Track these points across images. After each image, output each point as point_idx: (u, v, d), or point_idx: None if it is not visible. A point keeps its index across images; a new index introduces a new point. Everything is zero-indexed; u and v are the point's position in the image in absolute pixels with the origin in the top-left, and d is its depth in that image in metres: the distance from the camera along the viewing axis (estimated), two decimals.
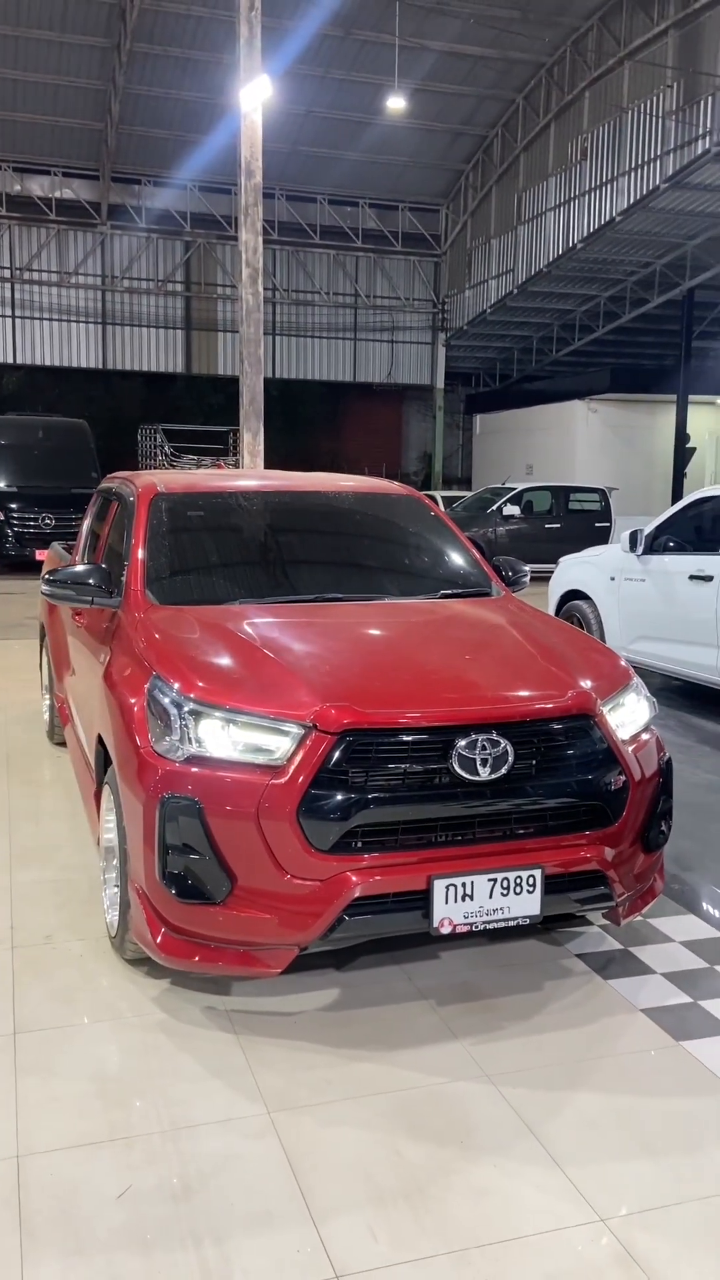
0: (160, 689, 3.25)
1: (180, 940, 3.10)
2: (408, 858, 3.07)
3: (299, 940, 3.05)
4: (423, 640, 3.84)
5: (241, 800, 3.01)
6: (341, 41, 18.83)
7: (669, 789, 3.58)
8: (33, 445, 17.10)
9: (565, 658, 3.63)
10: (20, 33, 18.27)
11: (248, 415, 10.72)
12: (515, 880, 3.11)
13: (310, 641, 3.60)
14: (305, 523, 4.84)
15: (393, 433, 28.96)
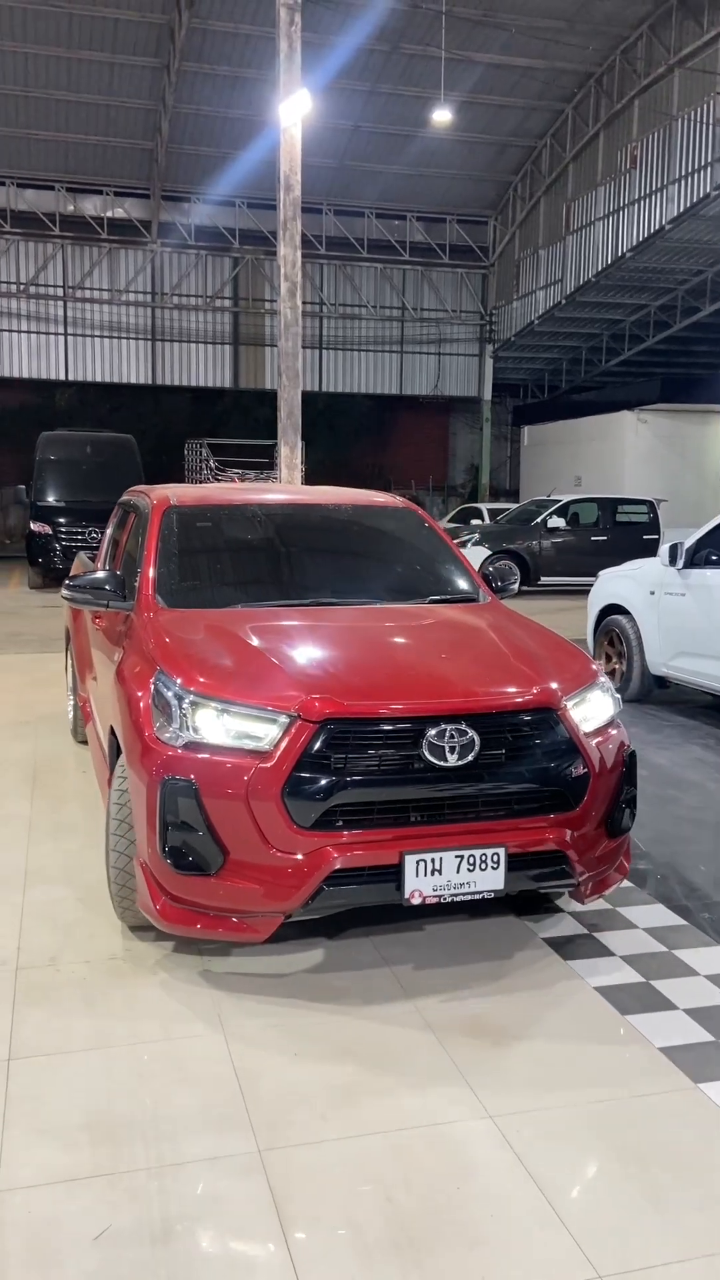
0: (164, 683, 3.58)
1: (179, 908, 3.42)
2: (382, 835, 3.37)
3: (284, 908, 3.35)
4: (404, 640, 4.18)
5: (233, 782, 3.32)
6: (388, 56, 18.86)
7: (633, 779, 3.84)
8: (81, 460, 17.31)
9: (535, 657, 3.92)
10: (73, 55, 18.59)
11: (285, 429, 10.71)
12: (480, 857, 3.39)
13: (301, 641, 3.92)
14: (306, 533, 5.23)
15: (439, 445, 28.85)
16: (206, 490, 5.68)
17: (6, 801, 5.40)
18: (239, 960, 3.66)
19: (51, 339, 23.32)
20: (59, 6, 17.20)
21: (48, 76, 19.18)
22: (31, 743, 6.55)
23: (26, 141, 21.06)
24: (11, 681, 8.40)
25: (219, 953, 3.69)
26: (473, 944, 3.83)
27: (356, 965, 3.63)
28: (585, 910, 4.08)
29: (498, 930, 3.93)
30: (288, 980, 3.53)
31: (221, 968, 3.59)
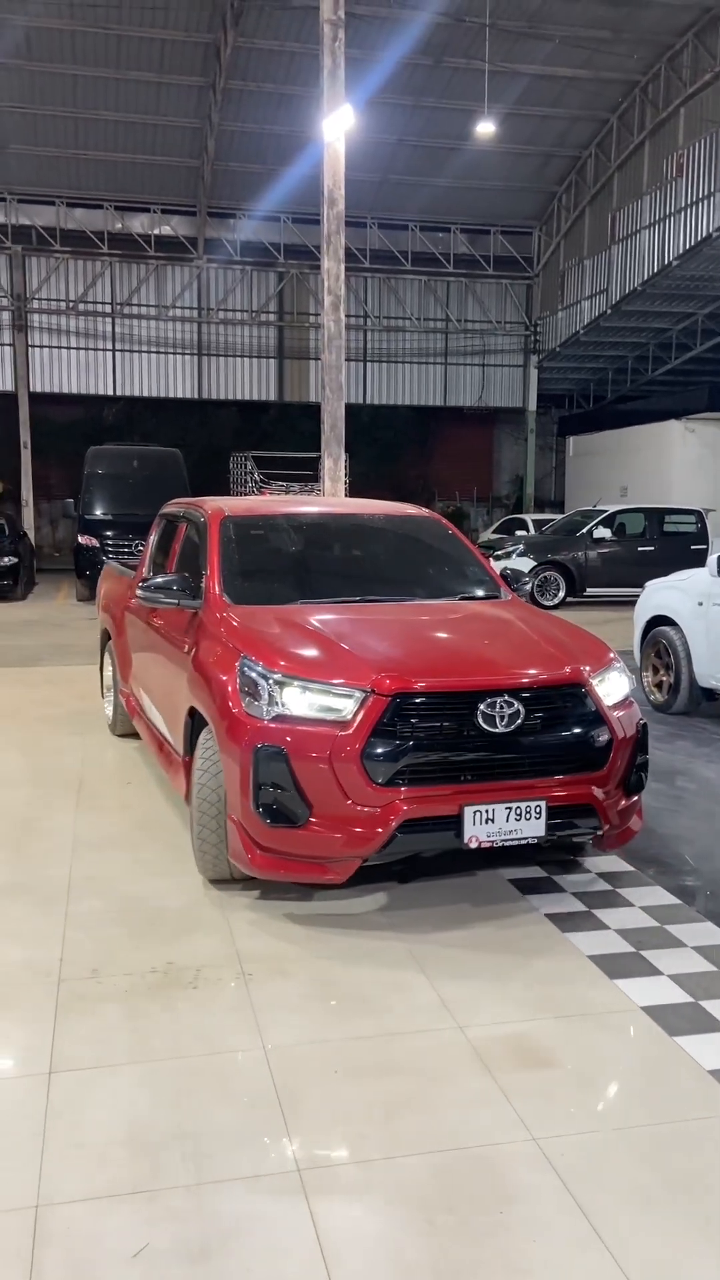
0: (249, 666, 4.18)
1: (269, 856, 4.02)
2: (443, 790, 3.97)
3: (362, 853, 3.93)
4: (449, 629, 4.86)
5: (318, 747, 3.92)
6: (432, 70, 18.89)
7: (644, 746, 4.47)
8: (128, 474, 17.49)
9: (561, 642, 4.57)
10: (120, 75, 18.87)
11: (329, 441, 10.73)
12: (525, 809, 4.02)
13: (361, 630, 4.53)
14: (346, 539, 5.92)
15: (484, 456, 28.74)
16: (252, 502, 6.50)
17: (52, 814, 5.44)
18: (277, 977, 3.64)
19: (100, 355, 23.64)
20: (107, 28, 17.47)
21: (96, 97, 19.48)
22: (77, 755, 6.60)
23: (75, 161, 21.41)
24: (58, 694, 8.48)
25: (261, 972, 3.68)
26: (515, 955, 3.77)
27: (397, 979, 3.59)
28: (629, 928, 4.01)
29: (542, 942, 3.87)
30: (328, 995, 3.50)
31: (263, 977, 3.58)
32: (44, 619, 13.88)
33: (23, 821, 5.31)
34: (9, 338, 22.95)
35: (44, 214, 22.50)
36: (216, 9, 17.25)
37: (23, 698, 8.38)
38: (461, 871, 4.58)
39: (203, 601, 4.94)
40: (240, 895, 4.33)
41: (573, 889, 4.41)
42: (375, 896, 4.32)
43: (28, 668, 9.93)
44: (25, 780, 6.06)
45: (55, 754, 6.63)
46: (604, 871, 4.60)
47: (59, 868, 4.65)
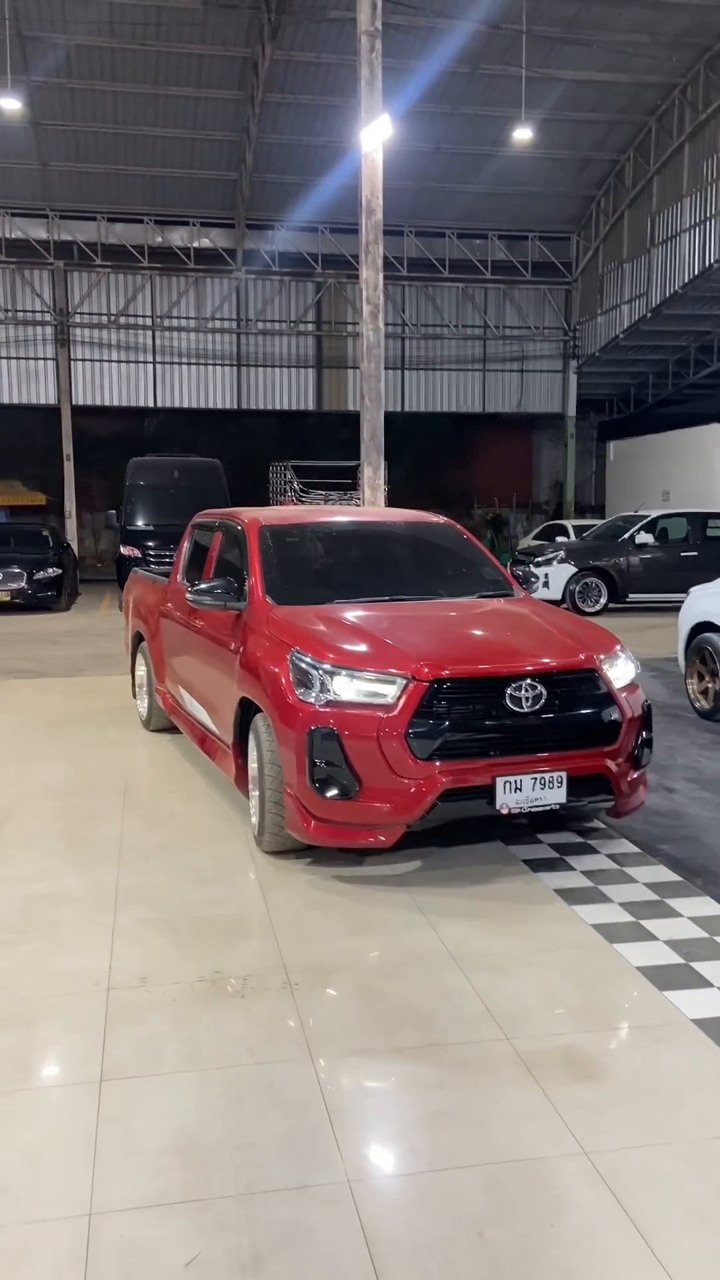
0: (300, 658, 4.67)
1: (325, 826, 4.54)
2: (477, 764, 4.47)
3: (406, 820, 4.45)
4: (473, 623, 5.37)
5: (366, 728, 4.42)
6: (469, 77, 18.90)
7: (649, 725, 4.99)
8: (169, 485, 17.65)
9: (574, 633, 5.11)
10: (160, 91, 19.10)
11: (368, 450, 10.76)
12: (549, 779, 4.54)
13: (396, 625, 5.02)
14: (371, 544, 6.40)
15: (523, 462, 28.61)
16: (285, 512, 7.01)
17: (97, 822, 5.49)
18: (323, 987, 3.64)
19: (141, 367, 23.89)
20: (147, 45, 17.70)
21: (136, 113, 19.73)
22: (122, 764, 6.66)
23: (116, 177, 21.69)
24: (101, 703, 8.57)
25: (307, 982, 3.69)
26: (568, 974, 3.74)
27: (443, 988, 3.58)
28: (676, 939, 3.97)
29: (593, 958, 3.84)
30: (374, 1005, 3.50)
31: (309, 987, 3.58)
32: (87, 629, 14.04)
33: (69, 829, 5.37)
34: (52, 352, 23.29)
35: (85, 229, 22.81)
36: (254, 24, 17.41)
37: (67, 707, 8.48)
38: (514, 878, 4.56)
39: (247, 603, 5.43)
40: (288, 903, 4.34)
41: (620, 899, 4.37)
42: (421, 913, 4.31)
43: (71, 677, 10.05)
44: (71, 789, 6.13)
45: (100, 762, 6.69)
46: (654, 882, 4.56)
47: (106, 875, 4.69)
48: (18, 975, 3.71)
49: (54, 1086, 3.05)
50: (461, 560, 6.28)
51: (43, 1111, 2.91)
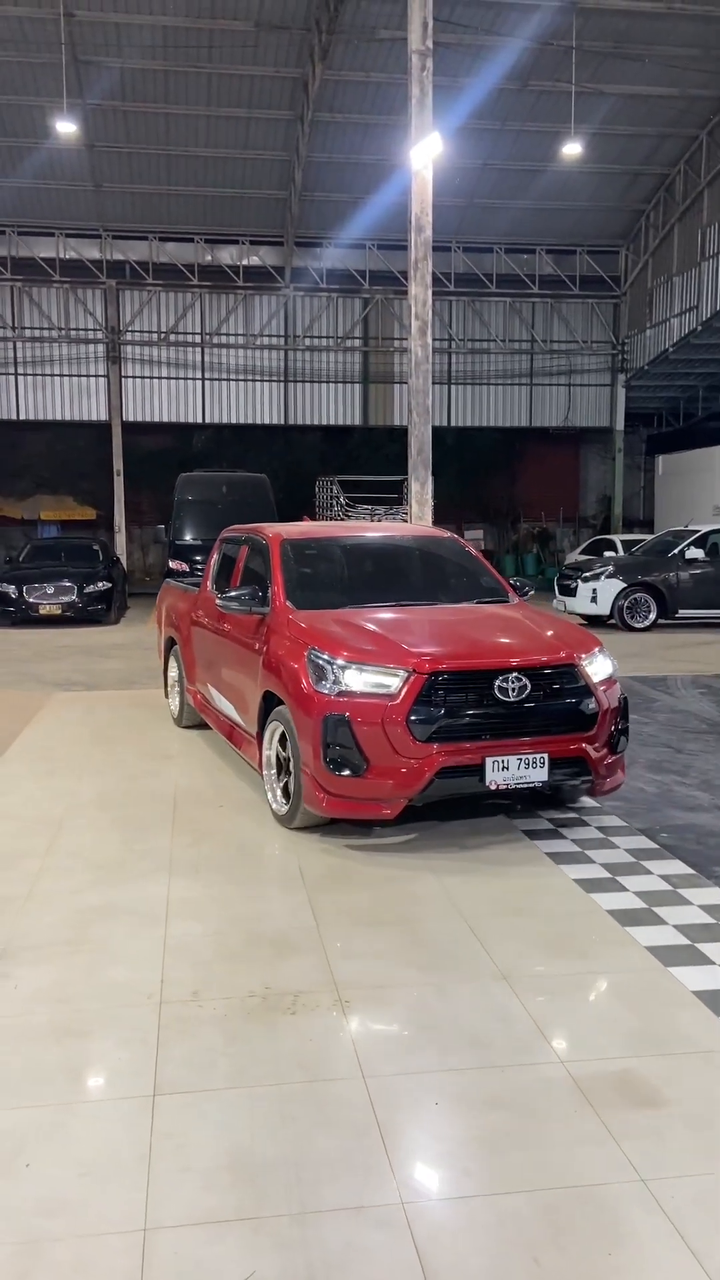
0: (315, 654, 5.32)
1: (337, 800, 5.17)
2: (469, 746, 5.09)
3: (408, 794, 5.07)
4: (469, 624, 5.97)
5: (373, 714, 5.06)
6: (518, 94, 18.94)
7: (626, 714, 5.65)
8: (217, 500, 17.81)
9: (559, 634, 5.73)
10: (211, 112, 19.38)
11: (415, 465, 10.76)
12: (533, 760, 5.15)
13: (400, 627, 5.67)
14: (382, 556, 7.11)
15: (570, 476, 28.44)
16: (304, 527, 7.82)
17: (148, 834, 5.53)
18: (374, 1005, 3.62)
19: (190, 384, 24.17)
20: (199, 67, 17.98)
21: (188, 135, 20.03)
22: (171, 778, 6.71)
23: (168, 197, 22.02)
24: (151, 716, 8.64)
25: (358, 999, 3.67)
26: (623, 996, 3.69)
27: (497, 1011, 3.55)
28: None
29: (650, 982, 3.78)
30: (426, 1025, 3.48)
31: (360, 1004, 3.57)
32: (135, 643, 14.17)
33: (120, 841, 5.41)
34: (103, 369, 23.65)
35: (137, 249, 23.18)
36: (305, 45, 17.60)
37: (117, 719, 8.56)
38: (570, 898, 4.51)
39: (270, 608, 6.07)
40: (336, 920, 4.33)
41: (675, 921, 4.30)
42: (474, 933, 4.28)
43: (120, 690, 10.15)
44: (122, 800, 6.18)
45: (149, 775, 6.75)
46: (711, 904, 4.48)
47: (157, 887, 4.72)
48: (72, 987, 3.74)
49: (108, 1100, 3.07)
50: (463, 570, 6.92)
51: (97, 1125, 2.92)
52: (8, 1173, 2.71)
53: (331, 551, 6.84)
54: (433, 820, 5.56)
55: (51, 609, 16.16)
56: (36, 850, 5.26)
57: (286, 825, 5.51)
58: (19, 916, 4.39)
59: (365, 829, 5.45)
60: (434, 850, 5.24)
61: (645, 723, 8.33)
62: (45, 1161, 2.75)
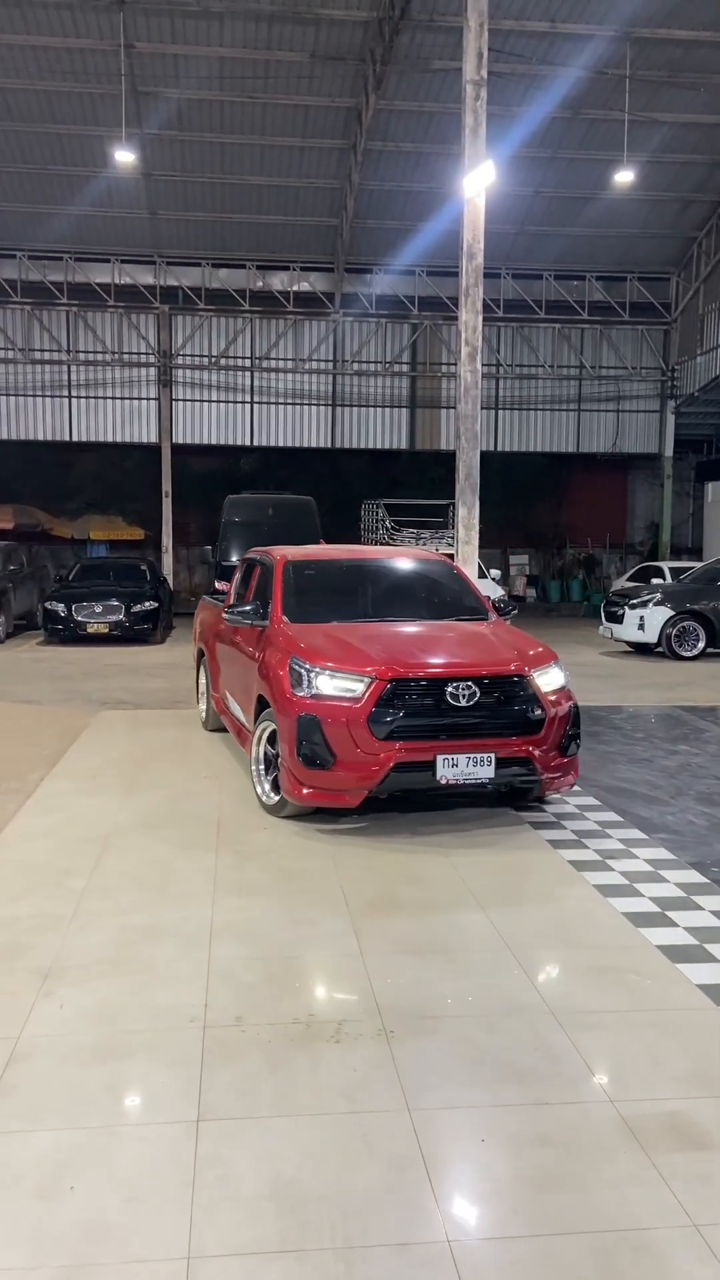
0: (296, 662, 6.02)
1: (309, 790, 5.85)
2: (423, 745, 5.72)
3: (368, 786, 5.72)
4: (435, 638, 6.57)
5: (340, 715, 5.73)
6: (570, 123, 19.01)
7: (576, 722, 6.23)
8: (263, 522, 17.91)
9: (516, 648, 6.29)
10: (266, 141, 19.68)
11: (463, 490, 10.76)
12: (480, 758, 5.74)
13: (371, 639, 6.27)
14: (374, 576, 7.72)
15: (617, 503, 28.26)
16: (310, 549, 8.51)
17: (193, 855, 5.54)
18: (419, 1036, 3.58)
19: (239, 407, 24.44)
20: (255, 98, 18.28)
21: (242, 163, 20.35)
22: (215, 799, 6.72)
23: (221, 224, 22.36)
24: (195, 736, 8.68)
25: (403, 1029, 3.63)
26: (672, 1034, 3.61)
27: (543, 1045, 3.49)
28: None
29: (700, 1021, 3.70)
30: (472, 1058, 3.43)
31: (404, 1035, 3.53)
32: (181, 662, 14.25)
33: (165, 861, 5.43)
34: (154, 392, 24.00)
35: (190, 275, 23.54)
36: (359, 75, 17.83)
37: (162, 738, 8.61)
38: (618, 931, 4.44)
39: (268, 621, 6.77)
40: (380, 947, 4.30)
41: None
42: (518, 962, 4.22)
43: (165, 710, 10.21)
44: (167, 820, 6.20)
45: (193, 796, 6.77)
46: None
47: (201, 909, 4.72)
48: (116, 1008, 3.74)
49: (152, 1124, 3.05)
50: (449, 590, 7.53)
51: (141, 1149, 2.91)
52: (52, 1194, 2.70)
53: (329, 572, 7.61)
54: (464, 847, 5.49)
55: (99, 628, 16.34)
56: (82, 869, 5.29)
57: (276, 815, 6.18)
58: (65, 936, 4.41)
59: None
60: (482, 883, 5.18)
61: (695, 754, 8.21)
62: (89, 1185, 2.74)
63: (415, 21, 16.15)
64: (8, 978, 3.98)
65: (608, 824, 6.18)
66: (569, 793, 6.58)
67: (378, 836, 5.90)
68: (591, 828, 6.10)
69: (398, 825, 6.11)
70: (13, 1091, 3.18)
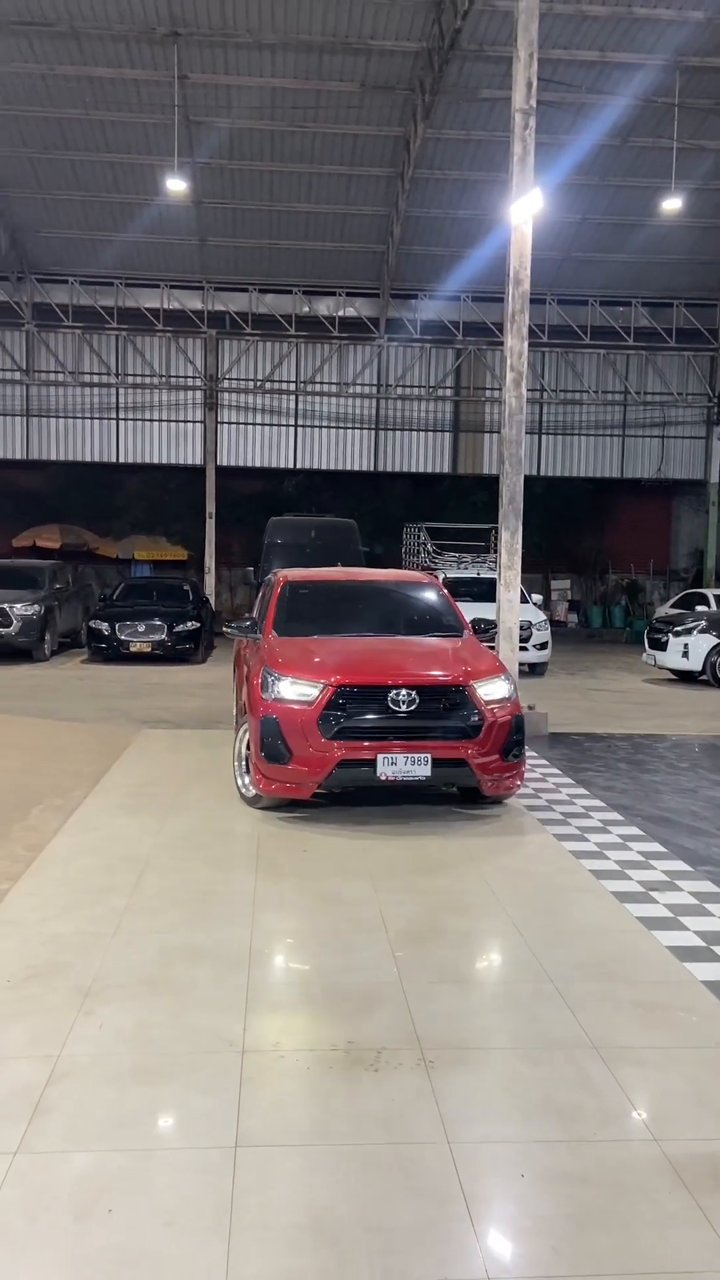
0: (267, 670, 6.76)
1: (269, 782, 6.60)
2: (365, 744, 6.44)
3: (317, 780, 6.48)
4: (393, 651, 7.24)
5: (296, 717, 6.47)
6: (618, 150, 19.04)
7: (519, 729, 6.76)
8: (305, 544, 17.98)
9: (466, 662, 6.95)
10: (314, 170, 19.93)
11: (506, 515, 10.74)
12: (417, 759, 6.40)
13: (335, 651, 7.05)
14: (363, 595, 8.41)
15: (661, 529, 28.05)
16: (309, 571, 9.16)
17: (232, 876, 5.54)
18: (459, 1067, 3.54)
19: (282, 430, 24.66)
20: (304, 127, 18.53)
21: (291, 191, 20.61)
22: (256, 818, 6.73)
23: (269, 251, 22.65)
24: (231, 756, 8.69)
25: (443, 1060, 3.59)
26: (717, 1070, 3.54)
27: (585, 1081, 3.43)
28: None
29: None
30: (514, 1093, 3.38)
31: (444, 1066, 3.49)
32: (221, 681, 14.33)
33: (205, 881, 5.44)
34: (200, 415, 24.30)
35: (237, 300, 23.84)
36: (408, 105, 18.02)
37: (203, 758, 8.64)
38: (665, 967, 4.37)
39: (261, 634, 7.63)
40: (420, 974, 4.26)
41: None
42: (556, 990, 4.17)
43: (206, 730, 10.25)
44: (207, 840, 6.22)
45: (233, 816, 6.78)
46: None
47: (240, 931, 4.72)
48: (155, 1029, 3.74)
49: (190, 1148, 3.04)
50: (430, 609, 8.17)
51: (179, 1174, 2.90)
52: (90, 1216, 2.70)
53: (322, 591, 8.35)
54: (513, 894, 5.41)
55: (142, 646, 16.49)
56: (123, 887, 5.31)
57: (254, 806, 6.88)
58: (106, 954, 4.42)
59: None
60: (524, 912, 5.13)
61: None
62: (127, 1208, 2.74)
63: (464, 51, 16.30)
64: (50, 995, 4.00)
65: (651, 855, 6.10)
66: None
67: (417, 862, 5.87)
68: (635, 858, 6.02)
69: (438, 851, 6.07)
70: (53, 1111, 3.19)
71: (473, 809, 7.07)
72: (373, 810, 6.95)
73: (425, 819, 6.83)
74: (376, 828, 6.57)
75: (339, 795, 7.03)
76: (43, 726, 10.35)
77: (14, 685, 13.78)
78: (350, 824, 6.63)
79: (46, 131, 18.82)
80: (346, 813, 6.87)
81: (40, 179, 20.25)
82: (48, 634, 16.82)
